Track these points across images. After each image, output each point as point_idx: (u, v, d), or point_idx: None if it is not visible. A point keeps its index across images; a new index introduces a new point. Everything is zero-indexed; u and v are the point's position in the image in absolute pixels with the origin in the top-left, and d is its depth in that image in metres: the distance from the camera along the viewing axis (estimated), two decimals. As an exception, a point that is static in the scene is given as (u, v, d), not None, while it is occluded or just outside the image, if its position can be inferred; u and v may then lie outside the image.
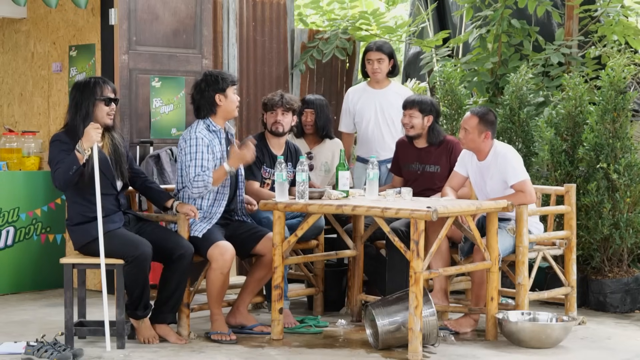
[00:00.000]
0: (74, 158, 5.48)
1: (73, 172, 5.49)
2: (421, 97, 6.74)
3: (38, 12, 7.82)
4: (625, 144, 6.93)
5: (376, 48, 7.26)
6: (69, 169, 5.49)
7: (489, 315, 5.91)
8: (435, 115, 6.62)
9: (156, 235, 5.76)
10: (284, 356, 5.53)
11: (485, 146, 6.15)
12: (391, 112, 7.23)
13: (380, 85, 7.33)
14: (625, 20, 7.85)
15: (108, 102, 5.67)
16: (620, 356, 5.66)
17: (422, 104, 6.59)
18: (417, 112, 6.59)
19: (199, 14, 7.59)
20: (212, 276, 5.86)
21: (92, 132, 5.49)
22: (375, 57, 7.25)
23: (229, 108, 6.01)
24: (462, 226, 5.90)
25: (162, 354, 5.53)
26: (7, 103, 8.15)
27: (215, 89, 5.99)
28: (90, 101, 5.64)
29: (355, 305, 6.52)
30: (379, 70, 7.25)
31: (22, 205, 7.40)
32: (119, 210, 5.76)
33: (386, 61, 7.26)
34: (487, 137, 6.13)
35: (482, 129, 6.11)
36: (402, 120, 6.67)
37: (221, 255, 5.80)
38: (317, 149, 7.11)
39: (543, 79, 7.98)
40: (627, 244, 6.95)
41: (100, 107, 5.65)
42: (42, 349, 5.27)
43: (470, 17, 8.59)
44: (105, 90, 5.68)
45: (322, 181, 7.04)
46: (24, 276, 7.44)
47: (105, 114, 5.67)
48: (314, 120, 7.05)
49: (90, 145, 5.49)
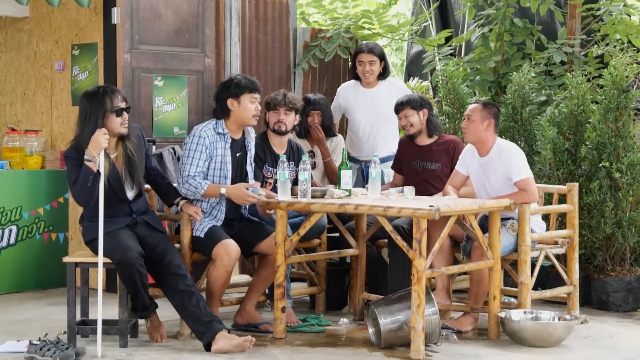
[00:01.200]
0: (87, 169, 5.43)
1: (91, 184, 5.44)
2: (407, 95, 6.80)
3: (41, 11, 7.82)
4: (627, 142, 6.93)
5: (368, 50, 7.31)
6: (85, 182, 5.44)
7: (492, 314, 5.90)
8: (428, 108, 6.66)
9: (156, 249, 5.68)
10: (286, 355, 5.53)
11: (487, 138, 6.15)
12: (382, 112, 7.27)
13: (371, 85, 7.38)
14: (627, 19, 7.84)
15: (119, 113, 5.58)
16: (622, 355, 5.66)
17: (412, 102, 6.64)
18: (410, 111, 6.63)
19: (201, 12, 7.59)
20: (216, 274, 5.85)
21: (100, 138, 5.44)
22: (367, 59, 7.29)
23: (241, 115, 5.98)
24: (464, 225, 5.91)
25: (165, 352, 5.54)
26: (9, 102, 8.15)
27: (228, 93, 5.98)
28: (99, 113, 5.52)
29: (358, 304, 6.52)
30: (370, 72, 7.30)
31: (25, 204, 7.41)
32: (128, 216, 5.72)
33: (377, 63, 7.31)
34: (490, 126, 6.13)
35: (485, 116, 6.12)
36: (400, 123, 6.73)
37: (227, 254, 5.80)
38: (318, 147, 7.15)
39: (545, 77, 7.98)
40: (629, 242, 6.95)
41: (112, 119, 5.55)
42: (45, 347, 5.26)
43: (472, 15, 8.59)
44: (115, 101, 5.57)
45: (323, 177, 7.07)
46: (27, 275, 7.45)
47: (118, 124, 5.58)
48: (321, 120, 7.08)
49: (98, 151, 5.44)
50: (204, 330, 5.52)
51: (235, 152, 6.05)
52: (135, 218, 5.74)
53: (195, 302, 5.56)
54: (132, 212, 5.73)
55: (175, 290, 5.60)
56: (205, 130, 5.94)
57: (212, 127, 5.97)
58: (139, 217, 5.76)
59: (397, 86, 7.48)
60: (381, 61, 7.33)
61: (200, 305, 5.56)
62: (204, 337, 5.53)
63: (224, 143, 5.98)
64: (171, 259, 5.64)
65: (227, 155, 5.99)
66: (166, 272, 5.63)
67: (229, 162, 5.99)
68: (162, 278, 5.66)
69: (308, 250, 6.75)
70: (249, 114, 5.98)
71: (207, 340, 5.51)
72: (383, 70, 7.36)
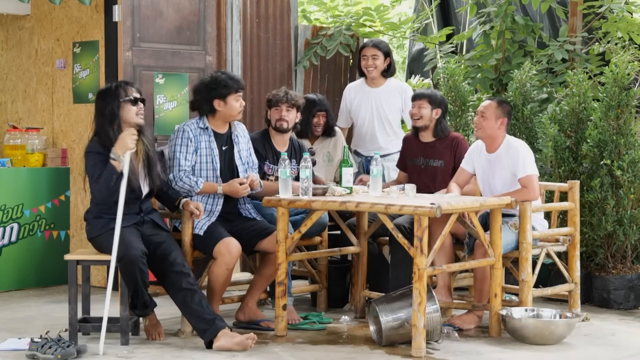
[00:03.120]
0: (112, 168, 5.44)
1: (114, 182, 5.45)
2: (432, 90, 6.82)
3: (42, 8, 7.82)
4: (629, 140, 6.92)
5: (372, 45, 7.32)
6: (110, 180, 5.45)
7: (493, 311, 5.91)
8: (443, 109, 6.65)
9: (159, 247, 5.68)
10: (287, 352, 5.53)
11: (499, 135, 6.18)
12: (385, 111, 7.27)
13: (376, 84, 7.37)
14: (629, 17, 7.83)
15: (134, 102, 5.61)
16: (624, 352, 5.66)
17: (432, 97, 6.65)
18: (426, 104, 6.63)
19: (202, 10, 7.59)
20: (217, 271, 5.86)
21: (128, 138, 5.46)
22: (370, 53, 7.30)
23: (228, 113, 6.05)
24: (466, 222, 5.91)
25: (166, 350, 5.54)
26: (11, 100, 8.15)
27: (215, 94, 6.00)
28: (114, 104, 5.57)
29: (359, 301, 6.53)
30: (373, 67, 7.28)
31: (26, 202, 7.41)
32: (137, 215, 5.72)
33: (381, 58, 7.29)
34: (503, 124, 6.16)
35: (499, 114, 6.15)
36: (411, 111, 6.71)
37: (228, 252, 5.81)
38: (318, 144, 7.16)
39: (547, 75, 7.98)
40: (630, 240, 6.95)
41: (127, 109, 5.59)
42: (46, 345, 5.26)
43: (474, 13, 8.59)
44: (129, 92, 5.62)
45: (326, 171, 7.08)
46: (28, 273, 7.45)
47: (134, 114, 5.61)
48: (326, 121, 7.10)
49: (124, 151, 5.45)
50: (206, 328, 5.52)
51: (221, 145, 6.08)
52: (143, 217, 5.75)
53: (198, 300, 5.57)
54: (142, 210, 5.75)
55: (178, 288, 5.61)
56: (188, 125, 6.03)
57: (195, 122, 6.05)
58: (147, 216, 5.77)
59: (404, 90, 7.42)
60: (385, 57, 7.31)
61: (202, 304, 5.56)
62: (205, 334, 5.53)
63: (207, 137, 6.03)
64: (174, 257, 5.64)
65: (214, 149, 6.03)
66: (169, 270, 5.63)
67: (217, 155, 6.03)
68: (165, 276, 5.66)
69: (309, 248, 6.75)
70: (234, 112, 6.05)
71: (209, 338, 5.52)
72: (388, 67, 7.35)
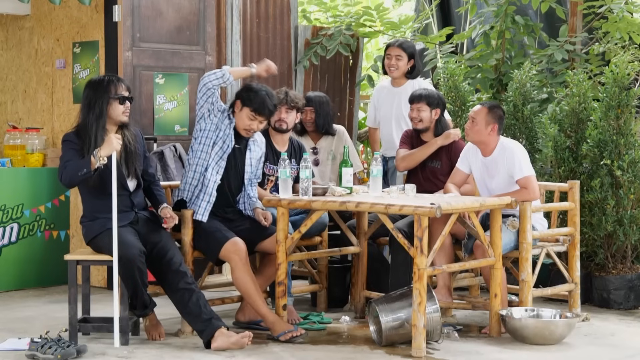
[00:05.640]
0: (87, 162, 5.44)
1: (82, 174, 5.46)
2: (428, 90, 6.75)
3: (42, 8, 7.82)
4: (629, 140, 6.92)
5: (397, 45, 7.24)
6: (78, 170, 5.46)
7: (493, 311, 5.91)
8: (442, 108, 6.64)
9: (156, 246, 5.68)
10: (287, 352, 5.53)
11: (490, 140, 6.15)
12: (403, 112, 7.20)
13: (398, 84, 7.32)
14: (629, 17, 7.83)
15: (122, 101, 5.62)
16: (624, 352, 5.66)
17: (430, 98, 6.60)
18: (425, 106, 6.60)
19: (202, 10, 7.59)
20: (240, 275, 5.79)
21: (114, 140, 5.47)
22: (395, 53, 7.23)
23: (237, 119, 6.00)
24: (466, 223, 5.91)
25: (166, 350, 5.54)
26: (11, 100, 8.16)
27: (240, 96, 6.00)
28: (104, 100, 5.59)
29: (359, 301, 6.53)
30: (395, 67, 7.22)
31: (26, 202, 7.41)
32: (131, 210, 5.73)
33: (404, 59, 7.22)
34: (494, 130, 6.13)
35: (489, 121, 6.12)
36: (410, 114, 6.68)
37: (236, 252, 5.79)
38: (321, 143, 7.16)
39: (547, 75, 7.98)
40: (630, 240, 6.95)
41: (114, 106, 5.61)
42: (46, 345, 5.27)
43: (474, 13, 8.59)
44: (119, 89, 5.64)
45: (331, 169, 7.08)
46: (28, 273, 7.45)
47: (120, 112, 5.63)
48: (314, 118, 7.07)
49: (108, 153, 5.45)
50: (203, 328, 5.53)
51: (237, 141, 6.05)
52: (137, 213, 5.74)
53: (195, 300, 5.56)
54: (134, 205, 5.74)
55: (176, 288, 5.61)
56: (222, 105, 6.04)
57: (226, 109, 6.03)
58: (140, 212, 5.77)
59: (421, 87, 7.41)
60: (410, 59, 7.25)
61: (200, 303, 5.56)
62: (203, 334, 5.54)
63: (229, 122, 5.99)
64: (172, 257, 5.64)
65: (231, 135, 5.99)
66: (167, 270, 5.63)
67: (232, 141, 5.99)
68: (163, 276, 5.66)
69: (309, 248, 6.75)
70: (241, 124, 6.00)
71: (207, 338, 5.52)
72: (412, 69, 7.30)
